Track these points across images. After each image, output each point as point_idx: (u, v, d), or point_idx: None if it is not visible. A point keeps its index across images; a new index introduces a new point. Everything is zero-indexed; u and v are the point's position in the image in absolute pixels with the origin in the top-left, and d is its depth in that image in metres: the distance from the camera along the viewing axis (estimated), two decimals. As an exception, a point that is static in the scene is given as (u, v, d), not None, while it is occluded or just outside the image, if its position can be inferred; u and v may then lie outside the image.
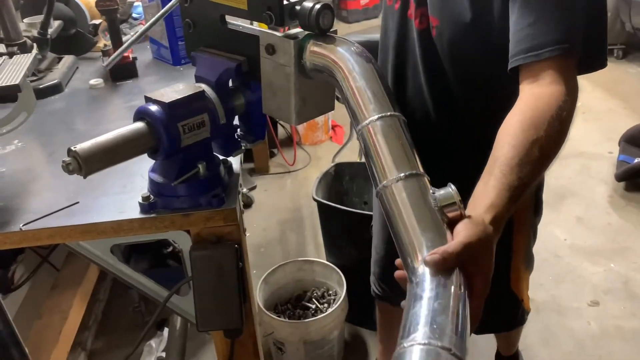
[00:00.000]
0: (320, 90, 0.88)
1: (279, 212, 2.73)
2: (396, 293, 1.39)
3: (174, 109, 0.87)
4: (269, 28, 0.86)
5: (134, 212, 0.94)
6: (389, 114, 0.68)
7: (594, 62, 0.89)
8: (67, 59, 1.62)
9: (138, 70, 1.59)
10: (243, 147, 1.04)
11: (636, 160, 2.71)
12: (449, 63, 1.01)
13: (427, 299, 0.53)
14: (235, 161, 1.06)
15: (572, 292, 2.15)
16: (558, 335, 1.96)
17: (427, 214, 0.61)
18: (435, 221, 0.61)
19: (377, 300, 1.49)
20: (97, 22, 1.74)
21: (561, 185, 2.76)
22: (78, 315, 1.70)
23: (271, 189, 2.95)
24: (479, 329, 0.56)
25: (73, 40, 1.69)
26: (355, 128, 0.70)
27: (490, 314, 0.65)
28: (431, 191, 0.63)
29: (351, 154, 2.49)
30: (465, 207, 0.64)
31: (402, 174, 0.63)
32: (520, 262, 1.21)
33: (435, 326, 0.49)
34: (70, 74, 1.59)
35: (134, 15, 2.09)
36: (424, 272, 0.57)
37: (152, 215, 0.93)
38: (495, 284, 0.63)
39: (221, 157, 1.02)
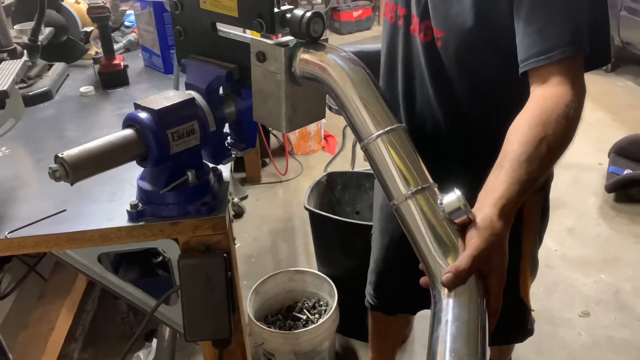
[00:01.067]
0: (311, 98, 0.87)
1: (270, 222, 2.72)
2: (391, 302, 1.40)
3: (163, 116, 0.87)
4: (261, 36, 0.86)
5: (122, 220, 0.92)
6: (389, 128, 0.70)
7: (600, 58, 0.91)
8: (58, 66, 1.62)
9: (129, 78, 1.58)
10: (233, 155, 1.03)
11: (625, 172, 2.73)
12: (455, 73, 1.02)
13: (446, 322, 0.60)
14: (225, 169, 1.05)
15: (563, 302, 2.15)
16: (550, 346, 1.96)
17: (438, 229, 0.66)
18: (446, 235, 0.66)
19: (370, 310, 1.48)
20: (88, 29, 1.74)
21: (552, 196, 2.74)
22: (65, 325, 1.68)
23: (263, 199, 2.94)
24: (492, 341, 0.62)
25: (64, 48, 1.68)
26: (359, 143, 0.72)
27: (502, 324, 0.67)
28: (439, 201, 0.66)
29: (344, 164, 2.49)
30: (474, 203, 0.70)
31: (411, 191, 0.67)
32: (526, 268, 1.21)
33: (454, 354, 0.57)
34: (61, 81, 1.58)
35: (126, 23, 2.08)
36: (442, 291, 0.63)
37: (140, 223, 0.92)
38: (505, 293, 0.66)
39: (211, 165, 1.01)
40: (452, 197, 0.66)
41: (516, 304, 1.25)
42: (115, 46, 1.83)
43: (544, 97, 0.82)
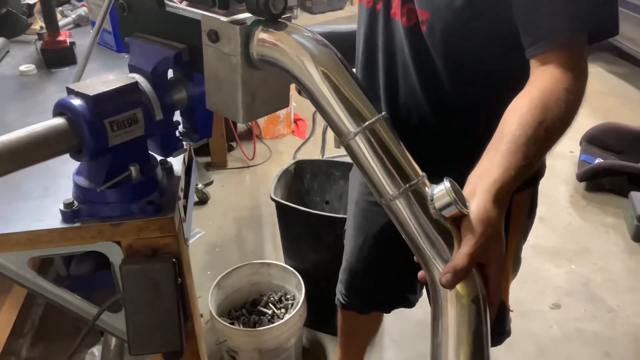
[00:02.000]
0: (273, 84, 0.77)
1: (236, 210, 2.61)
2: (365, 301, 1.33)
3: (99, 103, 0.75)
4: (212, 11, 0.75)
5: (55, 221, 0.81)
6: (369, 122, 0.63)
7: (605, 31, 0.85)
8: (-4, 42, 1.46)
9: (77, 57, 1.44)
10: (185, 147, 0.92)
11: (597, 161, 2.71)
12: (442, 59, 0.93)
13: (447, 327, 0.60)
14: (176, 162, 0.94)
15: (534, 294, 2.12)
16: (520, 339, 1.92)
17: (431, 227, 0.62)
18: (440, 232, 0.62)
19: (341, 309, 1.40)
20: (31, 1, 1.58)
21: (524, 184, 2.73)
22: (7, 323, 1.55)
23: (228, 185, 2.82)
24: None
25: (3, 21, 1.52)
26: (338, 138, 0.66)
27: None
28: (429, 196, 0.63)
29: (314, 149, 2.39)
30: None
31: (398, 191, 0.62)
32: (509, 268, 1.16)
33: None
34: (-1, 59, 1.43)
35: (77, -4, 1.92)
36: (441, 292, 0.62)
37: (76, 224, 0.81)
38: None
39: (159, 158, 0.90)
40: (442, 191, 0.62)
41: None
42: (64, 21, 1.68)
43: (543, 78, 0.78)
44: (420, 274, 0.66)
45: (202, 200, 2.63)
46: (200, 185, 2.64)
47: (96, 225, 0.81)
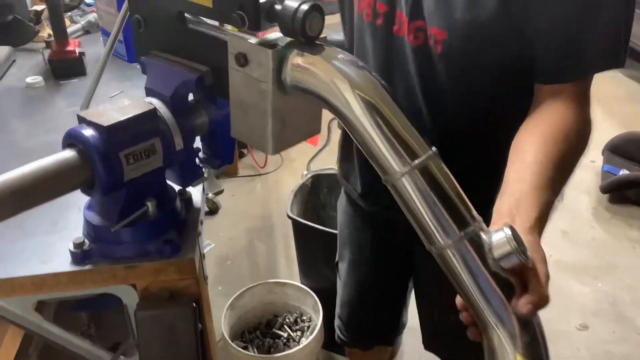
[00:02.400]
0: (305, 110, 0.70)
1: (247, 220, 2.53)
2: (366, 337, 1.27)
3: (114, 133, 0.67)
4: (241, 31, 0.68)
5: (64, 262, 0.73)
6: (419, 160, 0.57)
7: (616, 63, 0.79)
8: (1, 51, 1.39)
9: (86, 67, 1.37)
10: (206, 175, 0.85)
11: (622, 172, 2.62)
12: (456, 81, 0.83)
13: None
14: (196, 192, 0.86)
15: (559, 313, 2.02)
16: (546, 362, 1.84)
17: (489, 283, 0.57)
18: (500, 283, 0.57)
19: (345, 347, 1.35)
20: (39, 8, 1.51)
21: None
22: (13, 344, 1.48)
23: (239, 194, 2.74)
24: None
25: (9, 29, 1.45)
26: (381, 176, 0.60)
27: None
28: (486, 245, 0.57)
29: (328, 158, 2.31)
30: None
31: (453, 239, 0.57)
32: None
33: None
34: (4, 69, 1.36)
35: (86, 1, 1.85)
36: (500, 342, 0.57)
37: (87, 267, 0.73)
38: None
39: (178, 188, 0.82)
40: (502, 239, 0.56)
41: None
42: (73, 27, 1.61)
43: (558, 108, 0.76)
44: (471, 332, 0.61)
45: (213, 210, 2.55)
46: (210, 195, 2.56)
47: (109, 268, 0.73)
